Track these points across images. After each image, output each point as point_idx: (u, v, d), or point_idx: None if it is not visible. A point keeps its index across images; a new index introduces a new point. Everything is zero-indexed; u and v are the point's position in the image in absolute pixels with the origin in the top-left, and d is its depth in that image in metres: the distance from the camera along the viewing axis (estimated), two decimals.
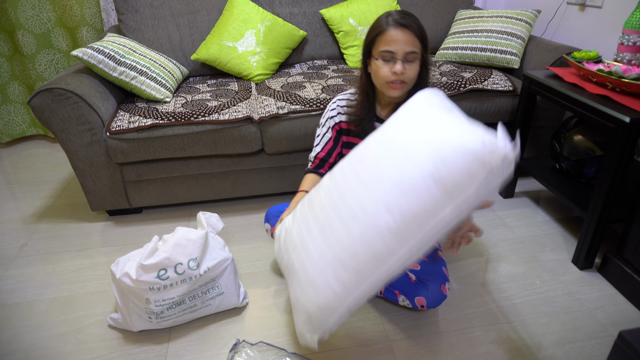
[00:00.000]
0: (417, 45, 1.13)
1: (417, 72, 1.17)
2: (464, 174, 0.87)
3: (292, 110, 1.71)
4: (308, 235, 1.05)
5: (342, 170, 1.06)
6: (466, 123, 0.92)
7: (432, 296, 1.23)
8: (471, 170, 0.86)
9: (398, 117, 1.04)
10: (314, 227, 1.05)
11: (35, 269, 1.61)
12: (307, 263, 1.03)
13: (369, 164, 0.99)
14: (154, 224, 1.86)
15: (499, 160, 0.84)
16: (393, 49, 1.12)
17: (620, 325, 1.30)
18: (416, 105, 1.03)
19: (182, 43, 2.11)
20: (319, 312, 1.01)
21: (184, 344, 1.28)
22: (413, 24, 1.13)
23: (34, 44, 2.43)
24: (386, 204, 0.93)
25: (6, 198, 2.12)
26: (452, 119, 0.95)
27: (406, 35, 1.12)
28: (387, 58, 1.14)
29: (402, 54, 1.13)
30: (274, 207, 1.48)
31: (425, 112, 0.99)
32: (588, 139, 1.58)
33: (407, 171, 0.92)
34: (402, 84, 1.16)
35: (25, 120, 2.68)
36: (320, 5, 2.23)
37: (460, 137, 0.88)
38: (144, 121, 1.66)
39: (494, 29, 1.99)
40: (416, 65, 1.16)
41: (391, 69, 1.14)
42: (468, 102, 1.82)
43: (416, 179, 0.90)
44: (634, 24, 1.49)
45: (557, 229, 1.74)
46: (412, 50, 1.13)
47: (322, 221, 1.03)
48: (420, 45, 1.15)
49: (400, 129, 0.99)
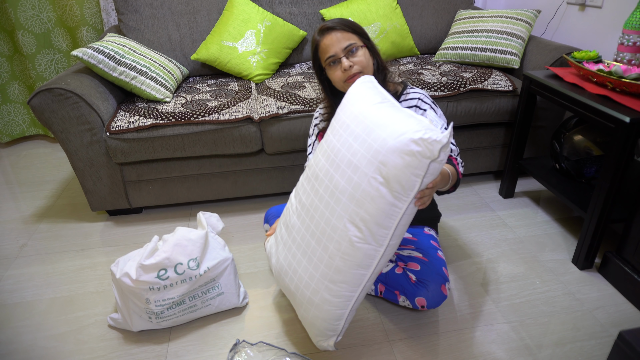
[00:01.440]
0: (351, 37, 1.19)
1: (366, 58, 1.20)
2: (407, 173, 0.90)
3: (292, 110, 1.71)
4: (293, 260, 1.10)
5: (304, 190, 1.11)
6: (396, 116, 0.94)
7: (432, 297, 1.23)
8: (413, 166, 0.89)
9: (337, 123, 1.08)
10: (295, 251, 1.10)
11: (35, 269, 1.61)
12: (301, 286, 1.08)
13: (325, 181, 1.03)
14: (154, 224, 1.86)
15: (437, 151, 0.87)
16: (332, 52, 1.19)
17: (620, 325, 1.30)
18: (350, 105, 1.06)
19: (182, 43, 2.11)
20: (327, 324, 1.08)
21: (184, 344, 1.28)
22: (336, 24, 1.19)
23: (34, 44, 2.43)
24: (350, 218, 0.97)
25: (6, 198, 2.12)
26: (383, 113, 0.96)
27: (336, 34, 1.18)
28: (333, 62, 1.20)
29: (341, 51, 1.18)
30: (274, 208, 1.48)
31: (358, 112, 1.02)
32: (588, 139, 1.58)
33: (357, 182, 0.95)
34: (358, 74, 1.19)
35: (25, 120, 2.68)
36: (320, 5, 2.23)
37: (394, 137, 0.91)
38: (144, 121, 1.66)
39: (494, 29, 1.99)
40: (362, 53, 1.20)
41: (341, 69, 1.20)
42: (468, 102, 1.82)
43: (366, 189, 0.94)
44: (634, 24, 1.49)
45: (557, 229, 1.74)
46: (347, 44, 1.18)
47: (301, 244, 1.08)
48: (355, 36, 1.20)
49: (341, 138, 1.02)
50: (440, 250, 1.35)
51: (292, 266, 1.11)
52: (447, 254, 1.61)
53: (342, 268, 1.01)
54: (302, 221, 1.08)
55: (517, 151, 1.83)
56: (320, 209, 1.03)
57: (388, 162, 0.91)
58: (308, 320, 1.12)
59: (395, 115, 0.95)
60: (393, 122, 0.93)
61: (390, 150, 0.90)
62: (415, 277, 1.26)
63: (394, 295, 1.31)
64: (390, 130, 0.92)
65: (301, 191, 1.12)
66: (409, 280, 1.27)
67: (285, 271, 1.14)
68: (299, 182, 1.17)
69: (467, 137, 1.93)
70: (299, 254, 1.09)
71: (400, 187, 0.92)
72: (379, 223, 0.95)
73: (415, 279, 1.26)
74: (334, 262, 1.01)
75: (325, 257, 1.02)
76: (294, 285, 1.11)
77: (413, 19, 2.28)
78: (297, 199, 1.14)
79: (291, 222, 1.13)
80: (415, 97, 1.26)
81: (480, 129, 1.93)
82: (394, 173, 0.91)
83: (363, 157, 0.95)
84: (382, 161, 0.92)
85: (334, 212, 0.99)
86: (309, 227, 1.06)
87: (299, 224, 1.10)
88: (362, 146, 0.96)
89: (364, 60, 1.20)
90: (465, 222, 1.79)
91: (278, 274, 1.18)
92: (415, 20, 2.28)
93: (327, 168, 1.03)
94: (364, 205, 0.95)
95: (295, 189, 1.18)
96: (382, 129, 0.94)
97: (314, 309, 1.07)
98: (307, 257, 1.06)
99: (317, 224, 1.04)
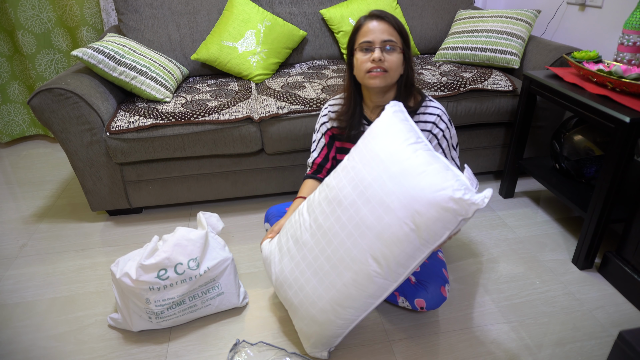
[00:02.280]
0: (394, 35, 1.16)
1: (398, 62, 1.18)
2: (439, 225, 0.95)
3: (292, 110, 1.71)
4: (302, 277, 1.12)
5: (322, 210, 1.11)
6: (435, 166, 0.98)
7: (431, 298, 1.23)
8: (446, 221, 0.94)
9: (367, 152, 1.08)
10: (305, 268, 1.11)
11: (35, 269, 1.61)
12: (306, 302, 1.11)
13: (350, 211, 1.04)
14: (154, 224, 1.86)
15: (472, 212, 0.92)
16: (370, 38, 1.16)
17: (620, 325, 1.30)
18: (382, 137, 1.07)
19: (182, 43, 2.11)
20: (325, 339, 1.12)
21: (184, 344, 1.28)
22: (389, 16, 1.17)
23: (34, 44, 2.43)
24: (372, 254, 1.00)
25: (6, 198, 2.12)
26: (421, 159, 1.00)
27: (382, 25, 1.16)
28: (366, 47, 1.17)
29: (379, 41, 1.15)
30: (274, 207, 1.48)
31: (394, 150, 1.03)
32: (588, 139, 1.58)
33: (387, 224, 0.98)
34: (383, 72, 1.16)
35: (25, 120, 2.68)
36: (320, 5, 2.23)
37: (434, 190, 0.94)
38: (144, 121, 1.66)
39: (494, 29, 1.99)
40: (396, 55, 1.17)
41: (369, 58, 1.16)
42: (468, 102, 1.82)
43: (396, 232, 0.97)
44: (634, 24, 1.49)
45: (557, 229, 1.74)
46: (389, 39, 1.15)
47: (313, 264, 1.09)
48: (398, 37, 1.17)
49: (373, 171, 1.04)
50: (440, 251, 1.35)
51: (299, 282, 1.12)
52: (447, 254, 1.61)
53: (355, 296, 1.04)
54: (317, 242, 1.09)
55: (517, 151, 1.83)
56: (341, 236, 1.05)
57: (424, 213, 0.95)
58: (307, 334, 1.14)
59: (434, 164, 0.98)
60: (432, 173, 0.97)
61: (428, 202, 0.94)
62: (415, 279, 1.26)
63: (393, 296, 1.31)
64: (430, 181, 0.95)
65: (318, 211, 1.12)
66: (409, 281, 1.27)
67: (289, 284, 1.15)
68: (315, 199, 1.15)
69: (467, 137, 1.93)
70: (309, 273, 1.10)
71: (429, 236, 0.96)
72: (401, 263, 1.00)
73: (415, 280, 1.26)
74: (348, 290, 1.04)
75: (339, 283, 1.05)
76: (298, 300, 1.13)
77: (413, 19, 2.28)
78: (311, 216, 1.13)
79: (303, 239, 1.13)
80: (434, 113, 1.25)
81: (480, 129, 1.93)
82: (426, 223, 0.95)
83: (398, 200, 0.97)
84: (417, 210, 0.95)
85: (357, 244, 1.02)
86: (324, 250, 1.07)
87: (312, 243, 1.10)
88: (397, 188, 0.98)
89: (395, 62, 1.17)
90: None
91: (280, 284, 1.18)
92: (415, 20, 2.28)
93: (354, 198, 1.04)
94: (390, 245, 0.99)
95: (310, 205, 1.16)
96: (421, 177, 0.97)
97: (317, 326, 1.11)
98: (318, 279, 1.08)
99: (334, 250, 1.05)
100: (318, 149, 1.40)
